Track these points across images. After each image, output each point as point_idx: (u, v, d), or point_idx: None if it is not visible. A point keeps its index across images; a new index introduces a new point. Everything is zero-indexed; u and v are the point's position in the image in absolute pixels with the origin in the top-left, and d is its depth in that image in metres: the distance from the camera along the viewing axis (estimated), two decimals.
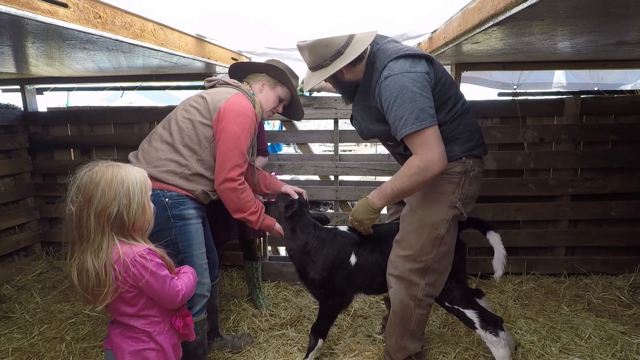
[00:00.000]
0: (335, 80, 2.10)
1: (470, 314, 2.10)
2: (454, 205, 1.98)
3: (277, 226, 2.25)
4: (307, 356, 2.34)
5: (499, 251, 2.09)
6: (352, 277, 2.22)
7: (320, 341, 2.31)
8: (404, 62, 1.84)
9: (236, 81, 2.22)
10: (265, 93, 2.29)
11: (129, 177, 1.44)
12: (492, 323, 2.08)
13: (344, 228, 2.34)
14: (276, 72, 2.29)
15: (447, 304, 2.15)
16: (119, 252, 1.40)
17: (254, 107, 2.14)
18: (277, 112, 2.41)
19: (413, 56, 1.85)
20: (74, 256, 1.43)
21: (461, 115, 2.00)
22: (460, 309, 2.12)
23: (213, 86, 2.23)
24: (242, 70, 2.36)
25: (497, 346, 2.05)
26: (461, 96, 2.06)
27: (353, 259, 2.21)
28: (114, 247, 1.41)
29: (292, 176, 4.75)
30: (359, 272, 2.22)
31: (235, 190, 2.03)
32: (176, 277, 1.57)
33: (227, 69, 2.43)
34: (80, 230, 1.40)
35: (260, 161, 3.01)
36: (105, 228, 1.39)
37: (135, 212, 1.44)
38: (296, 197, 2.35)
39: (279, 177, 4.44)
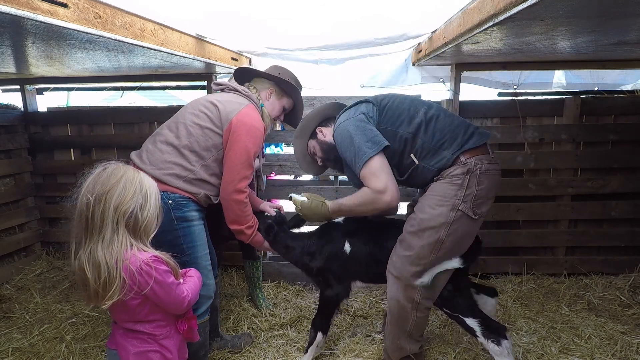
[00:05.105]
0: (325, 149, 2.34)
1: (471, 322, 2.05)
2: (456, 208, 1.94)
3: (266, 244, 2.28)
4: (306, 351, 2.34)
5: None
6: (348, 265, 2.25)
7: (319, 335, 2.29)
8: (345, 113, 2.16)
9: (245, 89, 2.23)
10: (272, 102, 2.34)
11: (147, 182, 1.50)
12: (495, 331, 2.01)
13: (339, 220, 2.38)
14: (285, 85, 2.32)
15: (447, 310, 2.13)
16: (127, 258, 1.39)
17: (263, 119, 2.19)
18: (279, 120, 2.47)
19: (352, 105, 2.17)
20: (83, 249, 1.40)
21: (429, 123, 2.05)
22: (461, 316, 2.08)
23: (222, 90, 2.24)
24: (248, 74, 2.37)
25: (500, 356, 1.99)
26: (420, 106, 2.11)
27: (347, 247, 2.25)
28: (125, 247, 1.41)
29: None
30: (354, 260, 2.24)
31: (241, 203, 2.06)
32: (182, 282, 1.56)
33: (232, 72, 2.45)
34: (93, 221, 1.39)
35: (256, 163, 3.00)
36: (119, 223, 1.40)
37: (148, 215, 1.47)
38: (273, 213, 2.39)
39: (279, 177, 4.46)
